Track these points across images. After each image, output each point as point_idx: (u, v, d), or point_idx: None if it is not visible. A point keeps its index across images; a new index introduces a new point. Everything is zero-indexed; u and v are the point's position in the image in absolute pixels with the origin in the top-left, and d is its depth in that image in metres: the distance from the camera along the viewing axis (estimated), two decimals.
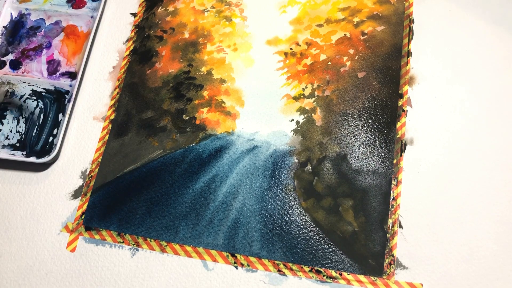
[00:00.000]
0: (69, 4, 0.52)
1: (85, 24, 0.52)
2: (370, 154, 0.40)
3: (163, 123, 0.45)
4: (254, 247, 0.38)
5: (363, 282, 0.36)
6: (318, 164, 0.40)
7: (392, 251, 0.36)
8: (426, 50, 0.43)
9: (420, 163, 0.39)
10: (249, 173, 0.41)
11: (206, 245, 0.39)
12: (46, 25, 0.52)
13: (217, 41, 0.47)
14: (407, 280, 0.36)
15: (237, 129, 0.43)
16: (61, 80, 0.49)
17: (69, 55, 0.50)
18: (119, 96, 0.47)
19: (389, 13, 0.44)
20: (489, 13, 0.43)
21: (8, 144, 0.46)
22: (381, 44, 0.43)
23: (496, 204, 0.37)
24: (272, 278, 0.37)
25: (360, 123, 0.41)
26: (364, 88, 0.42)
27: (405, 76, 0.42)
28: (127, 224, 0.41)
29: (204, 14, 0.49)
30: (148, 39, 0.49)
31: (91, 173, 0.44)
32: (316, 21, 0.46)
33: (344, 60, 0.43)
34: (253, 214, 0.39)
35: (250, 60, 0.46)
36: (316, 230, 0.38)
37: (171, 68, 0.47)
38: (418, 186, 0.38)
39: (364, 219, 0.38)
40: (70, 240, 0.41)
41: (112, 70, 0.49)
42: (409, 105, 0.41)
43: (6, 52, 0.51)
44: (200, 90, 0.45)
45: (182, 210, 0.41)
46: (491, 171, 0.38)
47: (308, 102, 0.43)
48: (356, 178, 0.39)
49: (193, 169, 0.42)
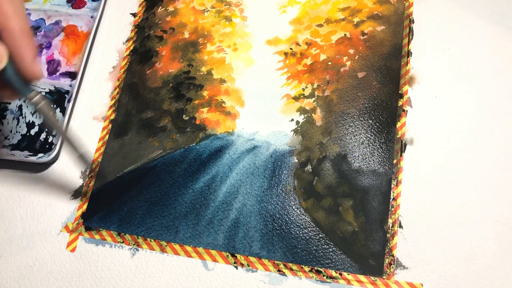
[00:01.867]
0: (69, 4, 0.52)
1: (85, 24, 0.52)
2: (370, 154, 0.40)
3: (163, 123, 0.45)
4: (254, 247, 0.38)
5: (363, 282, 0.36)
6: (318, 164, 0.40)
7: (392, 251, 0.36)
8: (426, 50, 0.43)
9: (420, 163, 0.39)
10: (249, 173, 0.41)
11: (206, 245, 0.39)
12: (46, 25, 0.52)
13: (217, 41, 0.47)
14: (407, 280, 0.36)
15: (237, 129, 0.43)
16: (61, 80, 0.49)
17: (69, 55, 0.50)
18: (119, 96, 0.47)
19: (389, 13, 0.44)
20: (489, 13, 0.43)
21: (8, 144, 0.46)
22: (381, 44, 0.43)
23: (496, 204, 0.37)
24: (272, 278, 0.37)
25: (360, 123, 0.41)
26: (364, 88, 0.42)
27: (405, 76, 0.42)
28: (127, 224, 0.41)
29: (204, 14, 0.49)
30: (148, 39, 0.49)
31: (91, 173, 0.44)
32: (316, 21, 0.46)
33: (344, 60, 0.43)
34: (253, 214, 0.39)
35: (250, 60, 0.46)
36: (316, 230, 0.38)
37: (171, 68, 0.47)
38: (418, 186, 0.38)
39: (364, 219, 0.38)
40: (70, 240, 0.41)
41: (112, 70, 0.49)
42: (409, 105, 0.41)
43: None
44: (200, 90, 0.45)
45: (182, 210, 0.41)
46: (491, 171, 0.38)
47: (308, 102, 0.43)
48: (356, 178, 0.39)
49: (193, 169, 0.42)
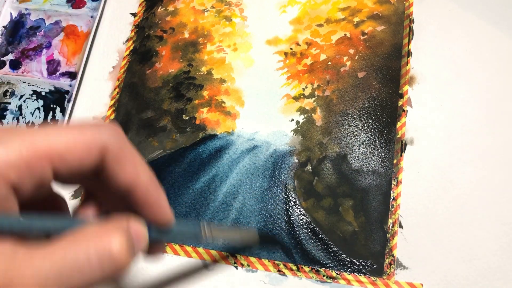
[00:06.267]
0: (69, 4, 0.52)
1: (85, 24, 0.52)
2: (370, 154, 0.40)
3: (163, 123, 0.45)
4: (254, 247, 0.38)
5: (363, 282, 0.36)
6: (318, 164, 0.40)
7: (392, 251, 0.36)
8: (426, 50, 0.43)
9: (420, 163, 0.39)
10: (249, 173, 0.41)
11: (206, 245, 0.39)
12: (46, 25, 0.52)
13: (217, 41, 0.47)
14: (407, 280, 0.36)
15: (237, 129, 0.43)
16: (61, 80, 0.49)
17: (69, 55, 0.50)
18: (119, 96, 0.47)
19: (389, 13, 0.44)
20: (489, 13, 0.43)
21: None
22: (381, 44, 0.43)
23: (496, 204, 0.37)
24: (272, 278, 0.37)
25: (360, 123, 0.41)
26: (364, 88, 0.42)
27: (405, 76, 0.42)
28: None
29: (204, 14, 0.49)
30: (148, 39, 0.49)
31: None
32: (316, 21, 0.46)
33: (344, 60, 0.43)
34: (253, 214, 0.39)
35: (250, 60, 0.46)
36: (316, 230, 0.38)
37: (171, 68, 0.47)
38: (418, 186, 0.38)
39: (364, 219, 0.38)
40: None
41: (112, 70, 0.49)
42: (409, 105, 0.41)
43: (6, 52, 0.51)
44: (200, 90, 0.45)
45: (182, 210, 0.41)
46: (491, 171, 0.38)
47: (308, 102, 0.43)
48: (356, 178, 0.39)
49: (193, 169, 0.42)
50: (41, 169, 0.20)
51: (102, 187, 0.23)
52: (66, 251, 0.19)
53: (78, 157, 0.21)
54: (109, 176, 0.22)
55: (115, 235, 0.20)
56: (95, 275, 0.19)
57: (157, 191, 0.24)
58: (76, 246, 0.19)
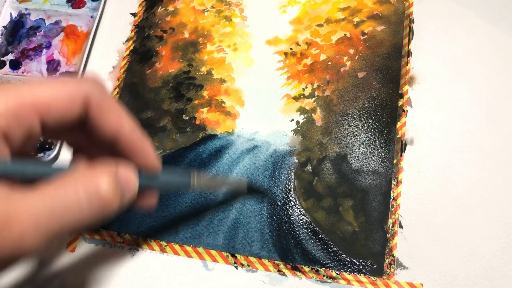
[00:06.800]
0: (69, 4, 0.52)
1: (85, 24, 0.52)
2: (370, 154, 0.40)
3: (163, 123, 0.45)
4: (254, 247, 0.38)
5: (363, 282, 0.36)
6: (318, 164, 0.40)
7: (392, 251, 0.36)
8: (426, 50, 0.43)
9: (420, 163, 0.39)
10: (249, 173, 0.41)
11: (206, 245, 0.39)
12: (46, 25, 0.52)
13: (217, 41, 0.47)
14: (407, 280, 0.36)
15: (237, 129, 0.43)
16: None
17: (69, 55, 0.50)
18: (119, 96, 0.47)
19: (389, 13, 0.44)
20: (489, 13, 0.43)
21: None
22: (381, 44, 0.43)
23: (496, 204, 0.37)
24: (272, 278, 0.37)
25: (360, 123, 0.41)
26: (364, 88, 0.42)
27: (405, 76, 0.42)
28: (127, 224, 0.41)
29: (204, 14, 0.49)
30: (148, 39, 0.49)
31: None
32: (316, 21, 0.46)
33: (344, 60, 0.43)
34: (253, 214, 0.39)
35: (250, 60, 0.46)
36: (316, 230, 0.38)
37: (171, 68, 0.47)
38: (418, 186, 0.38)
39: (364, 219, 0.38)
40: (70, 240, 0.41)
41: (112, 70, 0.49)
42: (409, 105, 0.41)
43: (6, 52, 0.51)
44: (200, 90, 0.45)
45: (182, 210, 0.41)
46: (491, 171, 0.38)
47: (308, 102, 0.43)
48: (356, 178, 0.39)
49: (193, 169, 0.42)
50: (28, 119, 0.21)
51: (89, 141, 0.25)
52: (57, 191, 0.20)
53: (63, 107, 0.22)
54: (93, 127, 0.24)
55: (103, 175, 0.21)
56: (84, 214, 0.20)
57: (141, 139, 0.25)
58: (66, 187, 0.20)
